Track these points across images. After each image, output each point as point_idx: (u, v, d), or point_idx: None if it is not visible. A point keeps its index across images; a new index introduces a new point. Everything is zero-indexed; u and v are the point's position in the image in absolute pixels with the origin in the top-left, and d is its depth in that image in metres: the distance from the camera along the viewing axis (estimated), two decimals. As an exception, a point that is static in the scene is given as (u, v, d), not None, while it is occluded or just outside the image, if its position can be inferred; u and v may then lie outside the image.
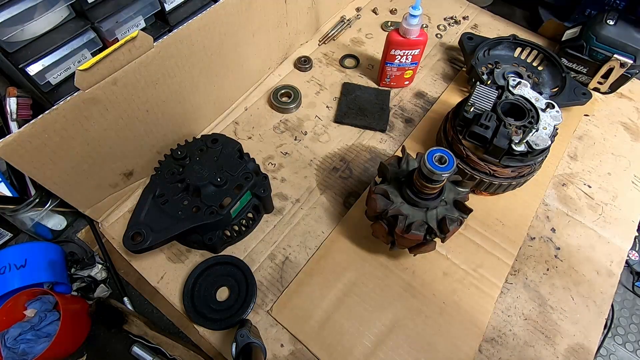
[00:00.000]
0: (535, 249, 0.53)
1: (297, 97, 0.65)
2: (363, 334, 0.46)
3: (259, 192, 0.50)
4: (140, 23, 0.56)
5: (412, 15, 0.56)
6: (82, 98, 0.40)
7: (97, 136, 0.45)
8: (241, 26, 0.55)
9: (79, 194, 0.48)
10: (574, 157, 0.62)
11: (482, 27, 0.80)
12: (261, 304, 0.48)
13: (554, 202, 0.57)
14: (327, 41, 0.75)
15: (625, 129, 0.66)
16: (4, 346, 0.43)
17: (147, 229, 0.45)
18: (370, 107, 0.65)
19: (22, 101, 0.51)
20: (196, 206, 0.47)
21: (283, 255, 0.52)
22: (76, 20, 0.50)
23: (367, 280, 0.49)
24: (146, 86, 0.46)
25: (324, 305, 0.48)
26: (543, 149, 0.47)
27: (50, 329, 0.45)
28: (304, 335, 0.46)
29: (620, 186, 0.59)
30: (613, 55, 0.63)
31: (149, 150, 0.53)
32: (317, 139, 0.62)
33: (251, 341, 0.39)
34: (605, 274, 0.51)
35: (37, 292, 0.46)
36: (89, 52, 0.53)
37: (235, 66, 0.60)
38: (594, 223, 0.55)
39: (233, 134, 0.62)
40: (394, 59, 0.63)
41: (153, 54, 0.45)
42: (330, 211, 0.55)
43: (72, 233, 0.54)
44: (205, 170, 0.48)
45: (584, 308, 0.49)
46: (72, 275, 0.50)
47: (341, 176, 0.59)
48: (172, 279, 0.50)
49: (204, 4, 0.62)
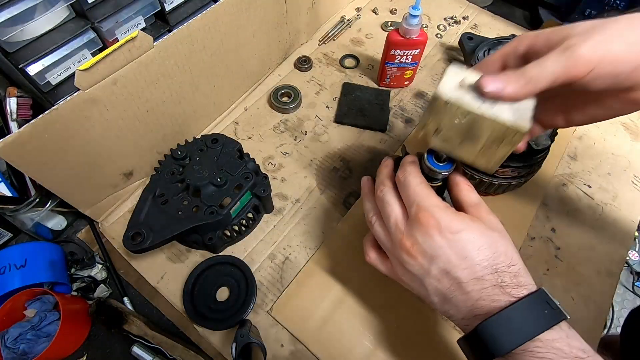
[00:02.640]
0: (535, 249, 0.53)
1: (297, 97, 0.65)
2: (363, 334, 0.46)
3: (259, 192, 0.50)
4: (140, 23, 0.56)
5: (412, 15, 0.56)
6: (82, 98, 0.40)
7: (97, 136, 0.45)
8: (241, 26, 0.55)
9: (79, 194, 0.48)
10: (574, 157, 0.62)
11: (482, 27, 0.80)
12: (261, 304, 0.48)
13: (554, 202, 0.57)
14: (327, 41, 0.75)
15: (625, 129, 0.66)
16: (4, 346, 0.43)
17: (147, 229, 0.45)
18: (370, 107, 0.65)
19: (22, 101, 0.51)
20: (196, 206, 0.47)
21: (283, 255, 0.52)
22: (76, 20, 0.50)
23: (368, 280, 0.49)
24: (146, 86, 0.46)
25: (324, 305, 0.48)
26: (543, 149, 0.47)
27: (50, 329, 0.45)
28: (304, 335, 0.46)
29: (620, 186, 0.59)
30: (613, 55, 0.63)
31: (149, 150, 0.53)
32: (317, 139, 0.62)
33: (251, 341, 0.39)
34: (605, 274, 0.51)
35: (37, 292, 0.46)
36: (89, 52, 0.53)
37: (235, 66, 0.60)
38: (594, 223, 0.55)
39: (233, 134, 0.62)
40: (394, 59, 0.63)
41: (153, 54, 0.45)
42: (330, 211, 0.55)
43: (72, 233, 0.54)
44: (205, 170, 0.48)
45: (584, 308, 0.49)
46: (72, 275, 0.50)
47: (341, 176, 0.59)
48: (172, 279, 0.50)
49: (204, 4, 0.62)
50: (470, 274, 0.31)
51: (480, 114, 0.31)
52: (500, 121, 0.31)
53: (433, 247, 0.32)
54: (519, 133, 0.31)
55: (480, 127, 0.32)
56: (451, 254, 0.32)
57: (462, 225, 0.32)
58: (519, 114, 0.31)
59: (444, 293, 0.33)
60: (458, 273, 0.32)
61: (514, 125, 0.31)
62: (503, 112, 0.31)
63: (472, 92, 0.32)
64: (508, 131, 0.31)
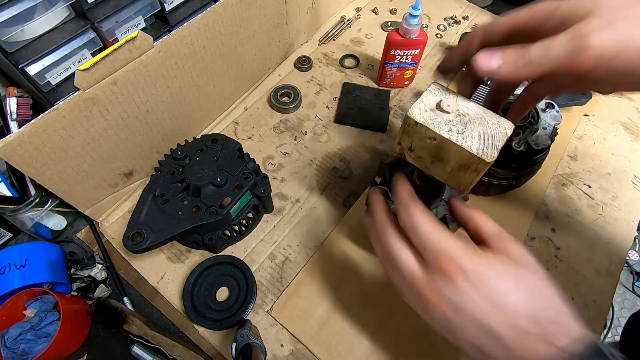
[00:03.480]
0: (535, 249, 0.53)
1: (297, 97, 0.65)
2: (363, 333, 0.46)
3: (259, 192, 0.50)
4: (140, 23, 0.56)
5: (412, 15, 0.56)
6: (82, 98, 0.40)
7: (97, 136, 0.45)
8: (241, 26, 0.55)
9: (79, 194, 0.48)
10: (574, 157, 0.62)
11: (482, 27, 0.80)
12: (261, 304, 0.48)
13: (554, 202, 0.57)
14: (327, 41, 0.75)
15: (625, 129, 0.66)
16: (4, 346, 0.43)
17: (147, 229, 0.45)
18: (370, 107, 0.65)
19: (22, 101, 0.51)
20: (196, 206, 0.47)
21: (283, 255, 0.52)
22: (76, 20, 0.50)
23: (368, 280, 0.49)
24: (146, 86, 0.46)
25: (324, 305, 0.48)
26: (543, 149, 0.47)
27: (50, 329, 0.45)
28: (304, 335, 0.46)
29: (620, 186, 0.59)
30: (613, 55, 0.63)
31: (149, 150, 0.53)
32: (317, 139, 0.62)
33: (251, 341, 0.39)
34: (605, 274, 0.51)
35: (37, 292, 0.46)
36: (89, 52, 0.53)
37: (235, 66, 0.60)
38: (594, 223, 0.55)
39: (233, 134, 0.62)
40: (394, 59, 0.63)
41: (153, 54, 0.45)
42: (330, 211, 0.55)
43: (72, 233, 0.54)
44: (205, 170, 0.48)
45: (584, 308, 0.49)
46: (72, 275, 0.50)
47: (341, 176, 0.59)
48: (172, 279, 0.50)
49: (204, 4, 0.62)
50: (509, 327, 0.26)
51: (447, 139, 0.31)
52: (466, 148, 0.31)
53: (462, 299, 0.28)
54: (483, 162, 0.30)
55: (448, 151, 0.32)
56: (484, 304, 0.27)
57: (489, 267, 0.28)
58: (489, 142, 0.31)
59: (481, 348, 0.28)
60: (494, 326, 0.27)
61: (478, 154, 0.30)
62: (472, 138, 0.31)
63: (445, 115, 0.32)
64: (473, 159, 0.31)
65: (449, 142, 0.31)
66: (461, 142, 0.31)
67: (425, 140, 0.33)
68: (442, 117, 0.32)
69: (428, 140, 0.33)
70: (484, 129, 0.32)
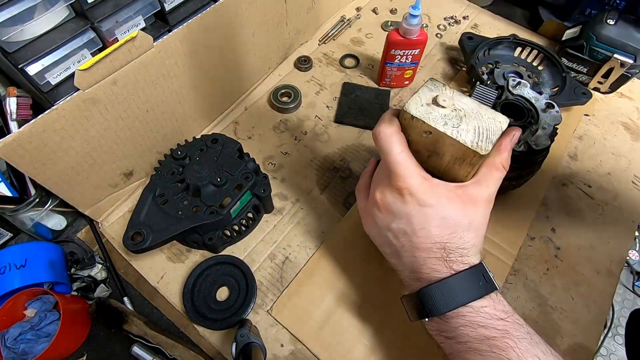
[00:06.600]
0: (535, 249, 0.53)
1: (297, 97, 0.65)
2: (363, 333, 0.46)
3: (259, 192, 0.50)
4: (140, 23, 0.56)
5: (412, 15, 0.56)
6: (82, 98, 0.40)
7: (97, 136, 0.45)
8: (241, 26, 0.55)
9: (79, 194, 0.48)
10: (574, 157, 0.62)
11: (482, 27, 0.80)
12: (261, 304, 0.48)
13: (554, 202, 0.57)
14: (327, 41, 0.75)
15: (625, 128, 0.66)
16: (4, 346, 0.43)
17: (147, 229, 0.45)
18: (370, 107, 0.65)
19: (22, 101, 0.51)
20: (196, 206, 0.47)
21: (283, 255, 0.52)
22: (76, 20, 0.50)
23: (368, 280, 0.49)
24: (146, 86, 0.46)
25: (324, 305, 0.48)
26: (543, 149, 0.47)
27: (50, 329, 0.45)
28: (304, 335, 0.46)
29: (620, 186, 0.59)
30: (613, 55, 0.63)
31: (149, 150, 0.53)
32: (317, 139, 0.62)
33: (251, 341, 0.39)
34: (605, 274, 0.51)
35: (37, 292, 0.46)
36: (88, 52, 0.53)
37: (235, 66, 0.60)
38: (594, 223, 0.55)
39: (233, 134, 0.62)
40: (394, 58, 0.63)
41: (153, 54, 0.45)
42: (330, 211, 0.55)
43: (72, 233, 0.54)
44: (205, 170, 0.48)
45: (584, 308, 0.49)
46: (72, 275, 0.50)
47: (341, 176, 0.59)
48: (172, 279, 0.50)
49: (204, 4, 0.62)
50: (422, 242, 0.35)
51: (442, 132, 0.32)
52: (461, 141, 0.31)
53: (400, 209, 0.36)
54: (478, 155, 0.31)
55: (443, 145, 0.33)
56: (414, 220, 0.35)
57: (433, 201, 0.34)
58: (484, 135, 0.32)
59: (396, 249, 0.37)
60: (412, 238, 0.35)
61: (473, 147, 0.31)
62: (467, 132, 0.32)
63: (441, 110, 0.33)
64: (468, 152, 0.32)
65: (444, 135, 0.32)
66: (456, 136, 0.31)
67: (422, 134, 0.34)
68: (437, 111, 0.33)
69: (424, 134, 0.33)
70: (479, 123, 0.32)
